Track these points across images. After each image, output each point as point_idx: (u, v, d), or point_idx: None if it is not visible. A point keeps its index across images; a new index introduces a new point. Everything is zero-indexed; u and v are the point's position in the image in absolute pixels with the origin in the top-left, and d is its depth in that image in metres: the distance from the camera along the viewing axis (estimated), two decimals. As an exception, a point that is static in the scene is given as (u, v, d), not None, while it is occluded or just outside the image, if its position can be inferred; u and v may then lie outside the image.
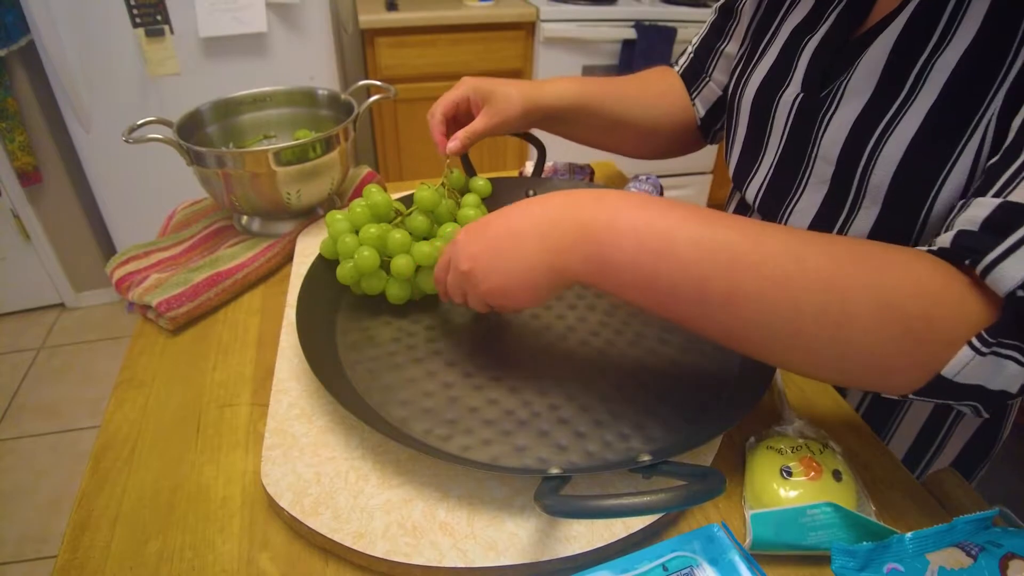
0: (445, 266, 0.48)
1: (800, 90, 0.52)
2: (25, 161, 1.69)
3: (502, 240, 0.43)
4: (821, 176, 0.50)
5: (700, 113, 0.72)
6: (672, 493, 0.33)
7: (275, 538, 0.41)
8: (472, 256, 0.44)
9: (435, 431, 0.44)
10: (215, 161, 0.62)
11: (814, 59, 0.51)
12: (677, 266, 0.36)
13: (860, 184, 0.46)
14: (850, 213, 0.48)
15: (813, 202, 0.51)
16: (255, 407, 0.50)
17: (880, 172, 0.45)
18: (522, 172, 0.79)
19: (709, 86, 0.70)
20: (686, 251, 0.36)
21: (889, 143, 0.44)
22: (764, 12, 0.59)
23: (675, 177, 2.16)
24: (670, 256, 0.36)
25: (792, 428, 0.44)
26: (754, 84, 0.57)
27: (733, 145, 0.62)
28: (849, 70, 0.48)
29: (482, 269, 0.43)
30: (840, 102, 0.48)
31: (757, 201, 0.58)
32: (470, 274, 0.44)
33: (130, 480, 0.45)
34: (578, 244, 0.39)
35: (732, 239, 0.35)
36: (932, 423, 0.57)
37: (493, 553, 0.38)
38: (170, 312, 0.57)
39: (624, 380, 0.48)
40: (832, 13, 0.51)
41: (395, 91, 0.74)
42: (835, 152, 0.48)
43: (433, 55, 1.75)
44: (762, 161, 0.57)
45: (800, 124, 0.52)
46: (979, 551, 0.34)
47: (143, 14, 1.44)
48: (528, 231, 0.41)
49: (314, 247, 0.66)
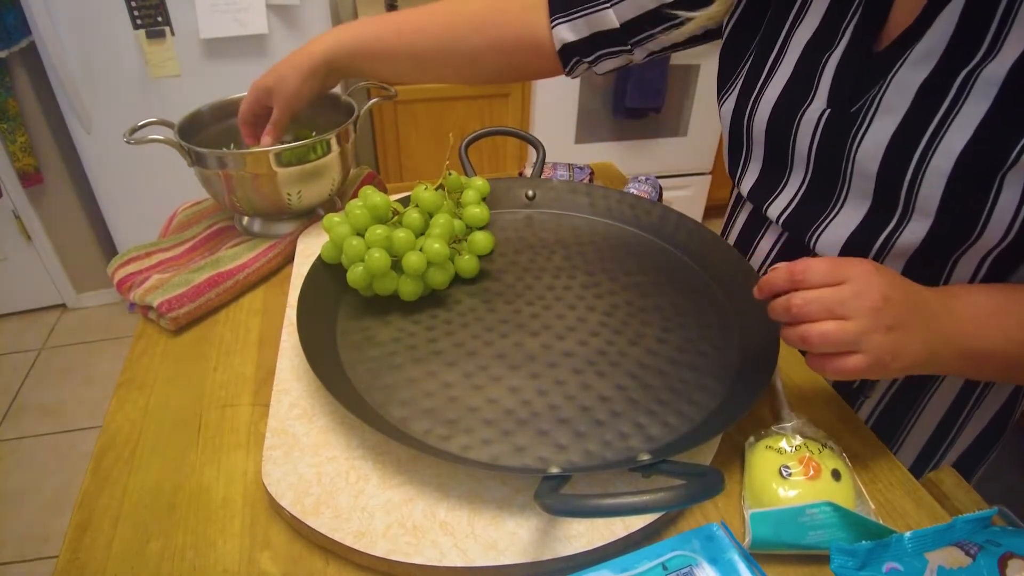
0: (822, 278, 0.39)
1: (826, 106, 0.50)
2: (26, 162, 1.69)
3: (923, 315, 0.40)
4: (862, 191, 0.49)
5: (567, 39, 0.64)
6: (671, 492, 0.33)
7: (276, 538, 0.41)
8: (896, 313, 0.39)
9: (435, 431, 0.44)
10: (216, 162, 0.62)
11: (839, 74, 0.50)
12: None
13: (908, 198, 0.46)
14: (898, 226, 0.48)
15: (854, 217, 0.51)
16: (256, 407, 0.51)
17: (930, 185, 0.44)
18: (522, 172, 0.79)
19: (603, 14, 0.61)
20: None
21: (936, 155, 0.44)
22: (768, 28, 0.56)
23: (675, 178, 2.17)
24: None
25: (791, 427, 0.44)
26: (768, 102, 0.54)
27: (747, 164, 0.60)
28: (880, 84, 0.47)
29: (902, 330, 0.39)
30: (874, 117, 0.47)
31: (783, 218, 0.56)
32: (880, 318, 0.38)
33: (131, 480, 0.45)
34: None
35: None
36: (940, 432, 0.58)
37: (493, 552, 0.38)
38: (171, 313, 0.57)
39: (623, 380, 0.49)
40: (848, 26, 0.50)
41: (395, 93, 0.74)
42: (873, 167, 0.47)
43: (433, 56, 1.75)
44: (789, 179, 0.56)
45: (830, 140, 0.51)
46: (978, 550, 0.34)
47: (144, 15, 1.44)
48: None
49: (315, 248, 0.66)
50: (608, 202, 0.69)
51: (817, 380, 0.54)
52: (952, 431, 0.58)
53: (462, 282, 0.59)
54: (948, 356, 0.41)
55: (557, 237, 0.66)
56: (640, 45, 0.63)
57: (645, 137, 2.05)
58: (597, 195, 0.69)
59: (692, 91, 1.98)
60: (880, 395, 0.57)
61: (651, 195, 0.75)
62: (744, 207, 0.65)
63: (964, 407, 0.57)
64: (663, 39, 0.62)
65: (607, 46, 0.64)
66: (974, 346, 0.42)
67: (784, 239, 0.58)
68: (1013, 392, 0.57)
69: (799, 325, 0.38)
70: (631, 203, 0.68)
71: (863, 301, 0.37)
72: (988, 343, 0.42)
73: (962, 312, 0.42)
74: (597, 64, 0.67)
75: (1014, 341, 0.42)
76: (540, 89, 1.85)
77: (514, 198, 0.70)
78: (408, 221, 0.55)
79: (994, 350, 0.42)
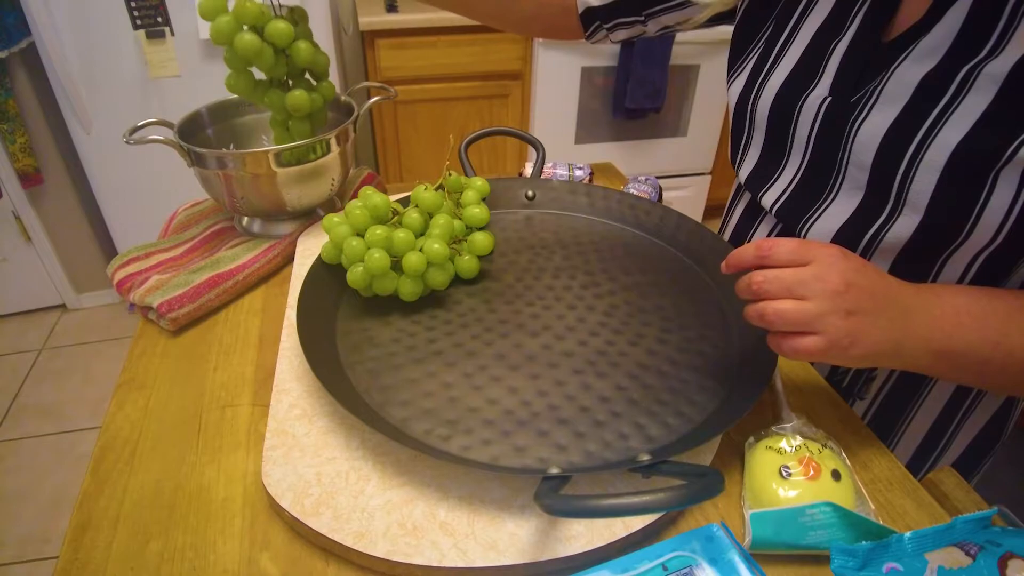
0: (787, 257, 0.39)
1: (828, 94, 0.51)
2: (26, 163, 1.69)
3: (892, 307, 0.40)
4: (855, 182, 0.49)
5: (591, 2, 0.68)
6: (671, 493, 0.33)
7: (276, 538, 0.41)
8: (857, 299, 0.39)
9: (435, 431, 0.44)
10: (216, 162, 0.62)
11: (845, 62, 0.50)
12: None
13: (900, 191, 0.46)
14: (888, 219, 0.48)
15: (846, 208, 0.51)
16: (256, 408, 0.51)
17: (922, 178, 0.44)
18: (522, 173, 0.79)
19: None
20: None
21: (931, 149, 0.44)
22: (780, 12, 0.56)
23: (675, 178, 2.17)
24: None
25: (791, 428, 0.44)
26: (773, 87, 0.55)
27: (746, 150, 0.60)
28: (883, 75, 0.47)
29: (866, 315, 0.38)
30: (873, 108, 0.47)
31: (777, 207, 0.57)
32: (841, 302, 0.38)
33: (131, 481, 0.45)
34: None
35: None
36: (938, 427, 0.57)
37: (493, 553, 0.38)
38: (171, 313, 0.57)
39: (623, 380, 0.49)
40: (857, 15, 0.50)
41: (395, 92, 0.74)
42: (868, 158, 0.47)
43: (433, 57, 1.75)
44: (785, 167, 0.56)
45: (828, 129, 0.51)
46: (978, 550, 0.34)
47: (144, 16, 1.44)
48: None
49: (315, 248, 0.66)
50: (608, 202, 0.69)
51: (817, 380, 0.54)
52: (945, 435, 0.58)
53: (462, 282, 0.59)
54: (918, 352, 0.41)
55: (557, 237, 0.66)
56: (654, 18, 0.66)
57: (645, 137, 2.06)
58: (597, 195, 0.69)
59: (692, 91, 1.98)
60: (873, 396, 0.57)
61: (651, 195, 0.75)
62: (743, 197, 0.65)
63: (957, 412, 0.56)
64: (677, 15, 0.64)
65: (624, 15, 0.67)
66: (949, 345, 0.41)
67: (778, 229, 0.59)
68: (1008, 398, 0.57)
69: (759, 302, 0.39)
70: (631, 203, 0.68)
71: (823, 283, 0.37)
72: (964, 343, 0.41)
73: (940, 310, 0.41)
74: (613, 32, 0.69)
75: (991, 343, 0.41)
76: (540, 89, 1.85)
77: (514, 198, 0.70)
78: (408, 221, 0.56)
79: (968, 351, 0.41)
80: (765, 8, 0.58)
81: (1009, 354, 0.42)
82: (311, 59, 0.62)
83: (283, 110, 0.64)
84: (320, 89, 0.66)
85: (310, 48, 0.62)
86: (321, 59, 0.64)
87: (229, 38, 0.58)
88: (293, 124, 0.66)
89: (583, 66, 1.85)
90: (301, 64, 0.62)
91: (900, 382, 0.56)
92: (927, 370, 0.43)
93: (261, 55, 0.59)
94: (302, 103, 0.63)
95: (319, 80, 0.66)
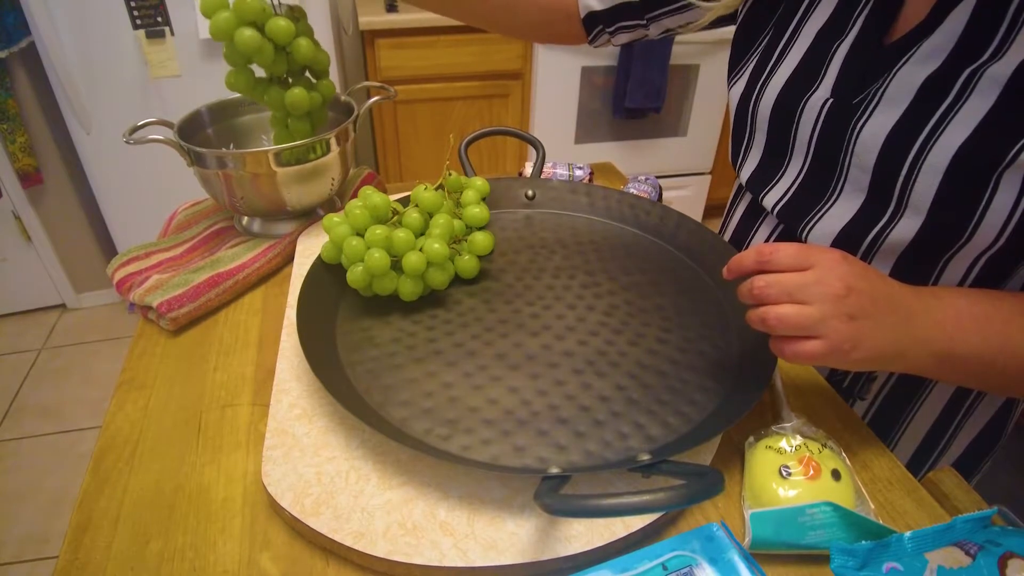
0: (788, 261, 0.39)
1: (830, 95, 0.50)
2: (26, 162, 1.69)
3: (894, 311, 0.40)
4: (857, 184, 0.49)
5: (593, 7, 0.68)
6: (671, 492, 0.33)
7: (276, 538, 0.41)
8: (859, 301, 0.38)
9: (435, 431, 0.44)
10: (216, 162, 0.62)
11: (847, 64, 0.50)
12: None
13: (902, 193, 0.46)
14: (890, 221, 0.48)
15: (848, 210, 0.51)
16: (256, 407, 0.51)
17: (925, 180, 0.44)
18: (521, 173, 0.79)
19: None
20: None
21: (934, 151, 0.44)
22: (782, 14, 0.56)
23: (675, 178, 2.17)
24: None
25: (791, 427, 0.44)
26: (775, 88, 0.55)
27: (747, 151, 0.60)
28: (885, 77, 0.47)
29: (867, 320, 0.38)
30: (875, 109, 0.47)
31: (778, 208, 0.56)
32: (843, 305, 0.38)
33: (131, 481, 0.45)
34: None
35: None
36: (938, 427, 0.57)
37: (493, 552, 0.38)
38: (171, 313, 0.57)
39: (623, 380, 0.49)
40: (859, 17, 0.50)
41: (395, 92, 0.74)
42: (871, 160, 0.47)
43: (433, 56, 1.75)
44: (787, 168, 0.56)
45: (830, 130, 0.51)
46: (978, 550, 0.34)
47: (144, 16, 1.44)
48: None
49: (314, 247, 0.66)
50: (608, 202, 0.69)
51: (817, 380, 0.54)
52: (945, 436, 0.58)
53: (462, 282, 0.59)
54: (920, 355, 0.41)
55: (557, 237, 0.66)
56: (656, 21, 0.66)
57: (645, 137, 2.06)
58: (597, 195, 0.69)
59: (692, 91, 1.98)
60: (873, 396, 0.57)
61: (651, 195, 0.75)
62: (744, 198, 0.65)
63: (957, 412, 0.56)
64: (678, 18, 0.64)
65: (626, 19, 0.67)
66: (950, 348, 0.41)
67: (780, 231, 0.59)
68: (1008, 398, 0.57)
69: (760, 307, 0.39)
70: (631, 203, 0.68)
71: (824, 288, 0.38)
72: (966, 347, 0.41)
73: (942, 313, 0.41)
74: (615, 36, 0.70)
75: (993, 347, 0.42)
76: (540, 89, 1.85)
77: (514, 198, 0.70)
78: (408, 221, 0.56)
79: (970, 353, 0.42)
80: (766, 11, 0.58)
81: (1011, 356, 0.42)
82: (312, 56, 0.62)
83: (283, 108, 0.64)
84: (320, 87, 0.66)
85: (311, 45, 0.62)
86: (321, 57, 0.64)
87: (229, 34, 0.58)
88: (293, 123, 0.66)
89: (583, 66, 1.85)
90: (301, 61, 0.62)
91: (900, 382, 0.56)
92: (929, 373, 0.43)
93: (261, 51, 0.59)
94: (302, 101, 0.63)
95: (319, 78, 0.66)
